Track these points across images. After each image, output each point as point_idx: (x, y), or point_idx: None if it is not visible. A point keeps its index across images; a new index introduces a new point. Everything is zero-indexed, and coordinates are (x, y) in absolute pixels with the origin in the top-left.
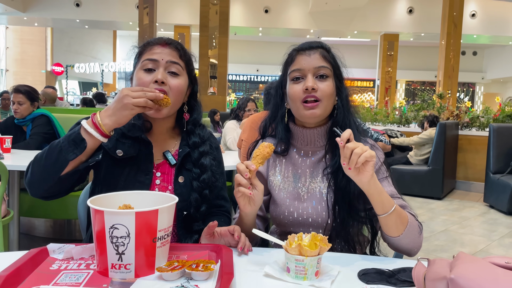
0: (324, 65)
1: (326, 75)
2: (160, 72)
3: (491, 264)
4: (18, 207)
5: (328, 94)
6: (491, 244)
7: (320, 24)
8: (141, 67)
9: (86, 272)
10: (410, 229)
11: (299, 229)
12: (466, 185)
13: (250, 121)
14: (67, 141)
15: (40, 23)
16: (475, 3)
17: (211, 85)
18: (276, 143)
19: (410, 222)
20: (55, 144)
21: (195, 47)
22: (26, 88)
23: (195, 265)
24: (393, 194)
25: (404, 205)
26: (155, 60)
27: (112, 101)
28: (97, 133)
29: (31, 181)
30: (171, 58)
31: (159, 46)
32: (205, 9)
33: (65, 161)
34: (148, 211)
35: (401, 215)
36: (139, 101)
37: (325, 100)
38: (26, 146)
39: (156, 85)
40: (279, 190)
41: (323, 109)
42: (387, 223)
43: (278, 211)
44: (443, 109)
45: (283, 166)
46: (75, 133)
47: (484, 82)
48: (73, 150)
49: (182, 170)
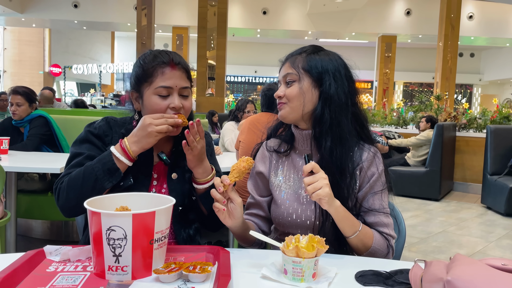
0: (289, 72)
1: (291, 80)
2: (176, 98)
3: (487, 266)
4: (15, 209)
5: (292, 96)
6: (489, 245)
7: (318, 26)
8: (155, 92)
9: (83, 274)
10: (372, 252)
11: (297, 230)
12: (463, 187)
13: (248, 123)
14: (102, 170)
15: (38, 24)
16: (473, 5)
17: (209, 86)
18: (280, 143)
19: (374, 247)
20: (88, 172)
21: (193, 48)
22: (24, 89)
23: (192, 267)
24: (378, 208)
25: (383, 223)
26: (170, 88)
27: (136, 129)
28: (126, 159)
29: (68, 207)
30: (183, 84)
31: (170, 69)
32: (203, 10)
33: (102, 189)
34: (145, 213)
35: (364, 240)
36: (162, 128)
37: (291, 102)
38: (24, 147)
39: (173, 111)
40: (280, 191)
41: (288, 109)
42: (350, 242)
43: (278, 211)
44: (440, 110)
45: (285, 168)
46: (108, 162)
47: (482, 83)
48: (109, 179)
49: (174, 167)
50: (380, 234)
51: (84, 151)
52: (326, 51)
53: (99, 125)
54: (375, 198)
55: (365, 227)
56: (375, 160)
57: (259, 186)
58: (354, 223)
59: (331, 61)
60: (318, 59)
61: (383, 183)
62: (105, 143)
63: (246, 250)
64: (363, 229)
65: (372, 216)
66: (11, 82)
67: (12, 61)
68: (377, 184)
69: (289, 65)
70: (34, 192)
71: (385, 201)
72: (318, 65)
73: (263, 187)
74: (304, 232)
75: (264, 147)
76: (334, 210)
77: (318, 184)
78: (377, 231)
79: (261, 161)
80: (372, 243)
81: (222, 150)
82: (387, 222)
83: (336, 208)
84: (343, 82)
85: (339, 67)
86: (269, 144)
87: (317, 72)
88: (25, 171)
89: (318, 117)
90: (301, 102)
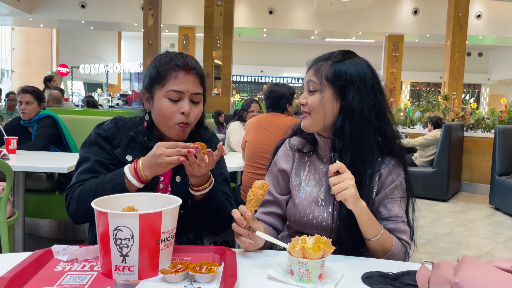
0: (312, 79)
1: (313, 89)
2: (186, 103)
3: (495, 268)
4: (23, 208)
5: (313, 107)
6: (496, 246)
7: (324, 25)
8: (166, 95)
9: (90, 274)
10: (390, 257)
11: (312, 231)
12: (471, 187)
13: (254, 123)
14: (113, 190)
15: (45, 25)
16: (481, 4)
17: (215, 86)
18: (304, 143)
19: (392, 252)
20: (100, 190)
21: (200, 48)
22: (33, 88)
23: (198, 267)
24: (397, 215)
25: (401, 230)
26: (181, 92)
27: (149, 154)
28: (137, 182)
29: (76, 217)
30: (195, 90)
31: (183, 74)
32: (210, 10)
33: None
34: (152, 213)
35: (384, 244)
36: (172, 160)
37: (313, 113)
38: (32, 147)
39: (182, 117)
40: (299, 191)
41: (310, 121)
42: (369, 246)
43: (294, 210)
44: (448, 110)
45: (306, 169)
46: (120, 184)
47: (490, 83)
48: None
49: (180, 169)
50: (399, 240)
51: (93, 156)
52: (355, 59)
53: (108, 127)
54: (394, 205)
55: (386, 231)
56: (395, 169)
57: (279, 183)
58: (376, 225)
59: (357, 71)
60: (343, 69)
61: (403, 191)
62: (113, 146)
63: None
64: (385, 233)
65: (391, 223)
66: (19, 82)
67: (20, 61)
68: (396, 191)
69: (313, 72)
70: (41, 192)
71: (403, 209)
72: (342, 76)
73: (284, 185)
74: (319, 234)
75: (287, 145)
76: (359, 211)
77: (343, 184)
78: (396, 237)
79: (284, 159)
80: (391, 248)
81: (227, 150)
82: (405, 229)
83: (361, 209)
84: (368, 94)
85: (365, 77)
86: (292, 143)
87: (340, 85)
88: (33, 171)
89: (338, 129)
90: (321, 114)
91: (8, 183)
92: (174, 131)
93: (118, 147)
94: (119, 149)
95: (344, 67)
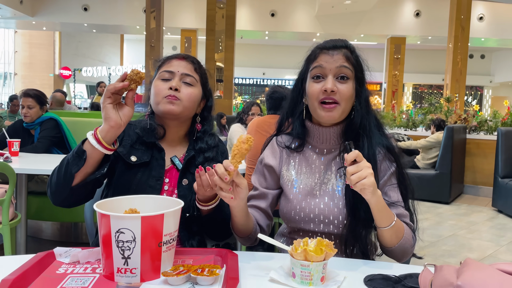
0: (346, 65)
1: (347, 76)
2: (175, 80)
3: (498, 271)
4: (26, 210)
5: (347, 96)
6: (500, 249)
7: (326, 28)
8: (159, 77)
9: (92, 276)
10: (403, 243)
11: (310, 225)
12: (474, 190)
13: (255, 125)
14: (72, 153)
15: (48, 27)
16: (483, 6)
17: (218, 88)
18: (292, 139)
19: (405, 237)
20: (65, 157)
21: (202, 51)
22: (35, 92)
23: (200, 270)
24: (397, 200)
25: (403, 214)
26: (171, 72)
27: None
28: (99, 145)
29: (50, 192)
30: (186, 71)
31: (176, 60)
32: (212, 13)
33: (70, 175)
34: (154, 216)
35: (397, 230)
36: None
37: (343, 103)
38: (34, 149)
39: (170, 91)
40: (292, 185)
41: (340, 112)
42: (383, 235)
43: (289, 206)
44: (450, 112)
45: (297, 162)
46: (79, 145)
47: (492, 85)
48: (77, 163)
49: (186, 173)
50: (407, 225)
51: None
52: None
53: None
54: (392, 191)
55: (398, 218)
56: (387, 156)
57: (266, 178)
58: (390, 213)
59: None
60: (361, 60)
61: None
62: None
63: (254, 253)
64: (397, 220)
65: (394, 208)
66: (22, 84)
67: (23, 63)
68: (393, 178)
69: (344, 58)
70: (44, 194)
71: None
72: (361, 66)
73: (271, 180)
74: (316, 226)
75: (275, 141)
76: (376, 200)
77: (363, 173)
78: (403, 221)
79: (271, 155)
80: (404, 233)
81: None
82: (406, 214)
83: (378, 198)
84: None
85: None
86: (280, 140)
87: (361, 73)
88: (36, 173)
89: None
90: (350, 104)
91: (11, 185)
92: (162, 105)
93: (121, 146)
94: (123, 149)
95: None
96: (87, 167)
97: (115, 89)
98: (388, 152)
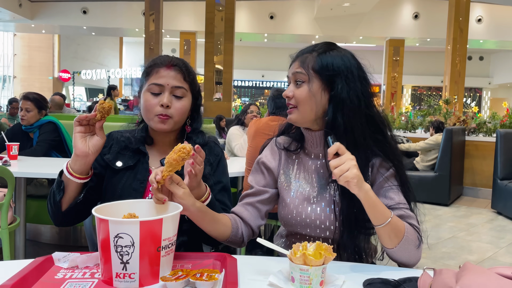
0: (298, 71)
1: (300, 80)
2: (166, 96)
3: (497, 275)
4: (25, 214)
5: (301, 99)
6: (499, 251)
7: (325, 30)
8: (148, 89)
9: (91, 281)
10: (405, 243)
11: (306, 230)
12: (473, 191)
13: (253, 130)
14: (55, 183)
15: (47, 30)
16: (481, 8)
17: (217, 91)
18: (291, 142)
19: (406, 236)
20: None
21: (201, 53)
22: (35, 95)
23: (199, 275)
24: (400, 202)
25: (408, 215)
26: (161, 85)
27: None
28: (70, 176)
29: (50, 215)
30: (175, 83)
31: (165, 69)
32: (211, 15)
33: (56, 201)
34: (153, 220)
35: (396, 228)
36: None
37: (301, 106)
38: (33, 153)
39: (162, 109)
40: (289, 189)
41: (298, 114)
42: (381, 234)
43: (286, 211)
44: (449, 114)
45: (295, 167)
46: (58, 180)
47: (491, 87)
48: (58, 192)
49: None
50: (410, 225)
51: None
52: (339, 50)
53: None
54: (393, 193)
55: (395, 216)
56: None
57: (264, 177)
58: (384, 210)
59: (343, 62)
60: (329, 60)
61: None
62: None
63: (253, 257)
64: (395, 217)
65: (396, 210)
66: (21, 87)
67: (22, 66)
68: (392, 179)
69: (299, 63)
70: (43, 198)
71: (402, 195)
72: (330, 66)
73: (268, 179)
74: (313, 231)
75: (274, 143)
76: (364, 194)
77: (345, 166)
78: (407, 222)
79: (270, 156)
80: (404, 232)
81: (229, 155)
82: (411, 215)
83: (366, 192)
84: (355, 83)
85: (351, 67)
86: (279, 141)
87: (327, 75)
88: (35, 177)
89: (330, 121)
90: (311, 106)
91: (10, 189)
92: (153, 123)
93: (106, 154)
94: (109, 155)
95: (331, 57)
96: (69, 194)
97: (81, 118)
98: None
